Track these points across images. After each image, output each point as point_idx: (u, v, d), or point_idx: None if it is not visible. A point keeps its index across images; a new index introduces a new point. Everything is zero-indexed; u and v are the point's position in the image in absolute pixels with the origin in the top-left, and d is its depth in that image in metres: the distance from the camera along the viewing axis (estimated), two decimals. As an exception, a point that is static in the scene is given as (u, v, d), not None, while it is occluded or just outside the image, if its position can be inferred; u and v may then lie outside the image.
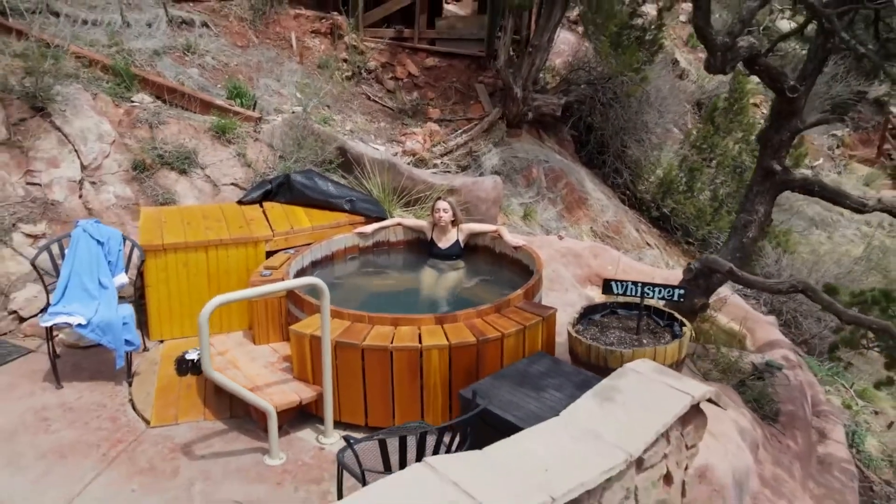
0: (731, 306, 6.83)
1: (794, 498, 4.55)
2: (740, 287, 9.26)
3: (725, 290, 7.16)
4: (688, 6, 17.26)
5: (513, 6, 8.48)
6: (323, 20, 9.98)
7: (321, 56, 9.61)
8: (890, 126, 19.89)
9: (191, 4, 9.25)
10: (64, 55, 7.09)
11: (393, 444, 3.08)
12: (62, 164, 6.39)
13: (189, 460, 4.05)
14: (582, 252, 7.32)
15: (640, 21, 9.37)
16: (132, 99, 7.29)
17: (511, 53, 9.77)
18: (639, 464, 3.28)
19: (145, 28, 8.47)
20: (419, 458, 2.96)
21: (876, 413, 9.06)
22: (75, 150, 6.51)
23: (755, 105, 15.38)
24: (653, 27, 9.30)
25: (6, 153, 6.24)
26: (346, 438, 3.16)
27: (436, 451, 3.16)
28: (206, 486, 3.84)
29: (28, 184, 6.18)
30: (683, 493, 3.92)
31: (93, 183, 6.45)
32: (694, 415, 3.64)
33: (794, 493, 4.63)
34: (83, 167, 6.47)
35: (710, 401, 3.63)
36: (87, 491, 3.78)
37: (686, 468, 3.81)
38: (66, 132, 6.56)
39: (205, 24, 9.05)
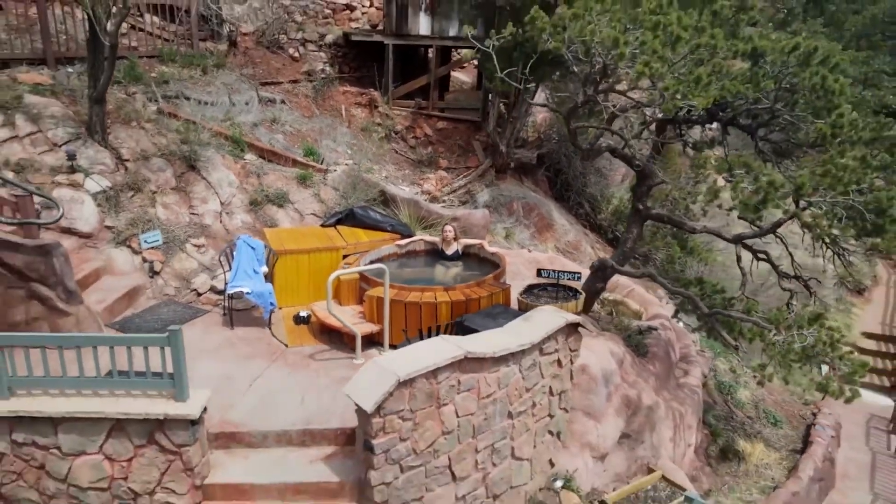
0: (637, 295, 10.45)
1: (642, 391, 8.11)
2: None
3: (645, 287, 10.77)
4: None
5: (497, 91, 12.23)
6: (363, 95, 13.80)
7: (363, 122, 13.41)
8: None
9: (273, 87, 13.08)
10: (201, 129, 10.91)
11: (425, 337, 6.71)
12: (209, 201, 10.14)
13: (314, 361, 7.68)
14: (542, 260, 10.95)
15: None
16: (244, 157, 11.06)
17: (502, 111, 13.48)
18: (540, 350, 6.89)
19: (244, 106, 12.28)
20: (436, 342, 6.58)
21: (754, 376, 12.58)
22: (216, 193, 10.27)
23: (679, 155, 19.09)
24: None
25: (176, 195, 10.00)
26: (403, 331, 6.79)
27: (444, 342, 6.78)
28: (325, 371, 7.46)
29: (191, 214, 9.92)
30: (572, 378, 7.52)
31: (227, 213, 10.19)
32: (573, 331, 7.23)
33: (644, 390, 8.20)
34: (221, 203, 10.22)
35: (577, 325, 7.23)
36: (266, 372, 7.40)
37: (572, 362, 7.41)
38: (209, 181, 10.33)
39: (283, 102, 12.87)
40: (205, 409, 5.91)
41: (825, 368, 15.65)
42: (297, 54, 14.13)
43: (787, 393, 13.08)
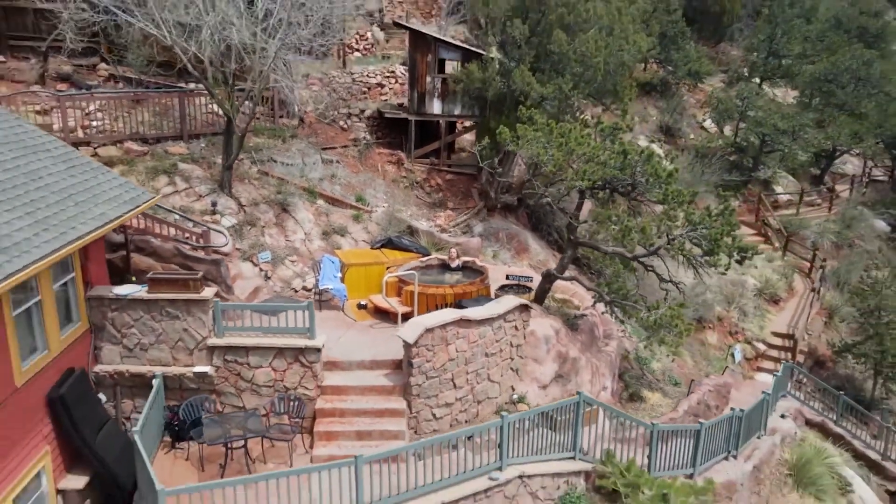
0: (579, 295, 15.73)
1: (570, 350, 13.34)
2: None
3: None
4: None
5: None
6: (393, 155, 19.24)
7: (393, 175, 18.83)
8: (762, 200, 28.63)
9: (330, 151, 18.54)
10: (288, 184, 16.34)
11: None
12: (297, 232, 15.53)
13: (372, 329, 12.99)
14: (515, 272, 16.22)
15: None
16: (317, 203, 16.45)
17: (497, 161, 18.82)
18: (504, 319, 12.17)
19: (312, 166, 17.70)
20: (445, 313, 11.85)
21: (669, 355, 17.68)
22: (301, 227, 15.66)
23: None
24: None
25: (276, 228, 15.38)
26: (427, 310, 12.09)
27: (449, 314, 12.05)
28: (380, 333, 12.74)
29: (286, 240, 15.30)
30: (525, 338, 12.79)
31: (308, 240, 15.55)
32: (524, 309, 12.49)
33: (571, 349, 13.42)
34: (305, 234, 15.60)
35: (527, 305, 12.48)
36: (346, 334, 12.70)
37: (525, 328, 12.67)
38: (296, 219, 15.73)
39: (338, 161, 18.31)
40: (323, 344, 11.20)
41: (738, 356, 20.84)
42: (345, 126, 19.63)
43: (695, 368, 18.24)
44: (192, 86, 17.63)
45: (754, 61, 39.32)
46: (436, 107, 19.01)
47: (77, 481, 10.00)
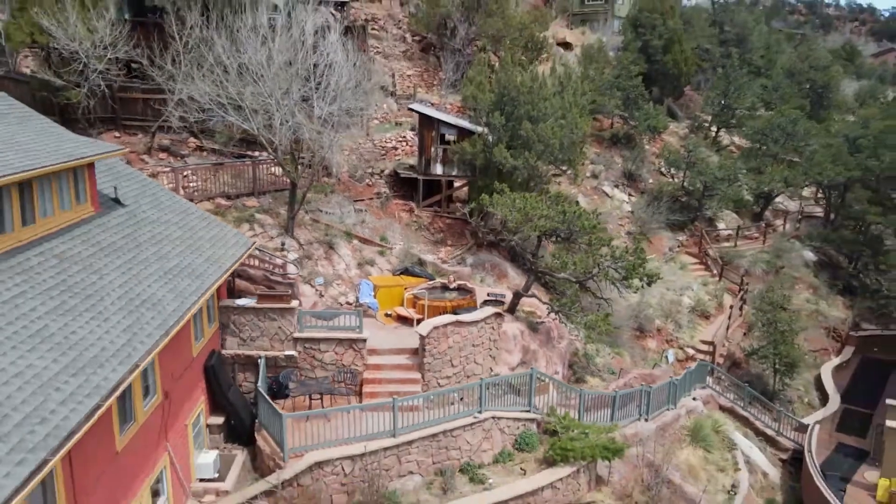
0: (538, 309, 22.00)
1: (531, 344, 19.53)
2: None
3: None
4: (593, 167, 32.86)
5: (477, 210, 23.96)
6: (406, 205, 25.62)
7: (406, 220, 25.18)
8: (704, 235, 34.96)
9: (359, 202, 24.88)
10: (332, 228, 22.69)
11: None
12: (340, 264, 21.85)
13: (396, 329, 19.23)
14: (495, 291, 22.48)
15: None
16: (352, 242, 22.77)
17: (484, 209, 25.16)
18: (485, 321, 18.42)
19: (348, 214, 24.04)
20: (446, 317, 18.07)
21: (611, 354, 23.84)
22: (342, 259, 21.98)
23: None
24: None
25: (326, 261, 21.70)
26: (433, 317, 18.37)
27: (449, 318, 18.28)
28: (403, 331, 18.96)
29: (333, 269, 21.59)
30: (499, 336, 19.04)
31: (348, 269, 21.84)
32: (499, 316, 18.72)
33: (531, 344, 19.61)
34: (345, 265, 21.91)
35: (501, 313, 18.70)
36: (379, 332, 18.91)
37: (499, 328, 18.91)
38: (339, 254, 22.06)
39: (365, 210, 24.65)
40: (367, 337, 17.40)
41: (671, 357, 26.97)
42: (370, 182, 26.02)
43: (632, 364, 24.41)
44: (256, 153, 24.04)
45: (712, 112, 46.13)
46: (438, 169, 25.43)
47: (217, 420, 16.14)
